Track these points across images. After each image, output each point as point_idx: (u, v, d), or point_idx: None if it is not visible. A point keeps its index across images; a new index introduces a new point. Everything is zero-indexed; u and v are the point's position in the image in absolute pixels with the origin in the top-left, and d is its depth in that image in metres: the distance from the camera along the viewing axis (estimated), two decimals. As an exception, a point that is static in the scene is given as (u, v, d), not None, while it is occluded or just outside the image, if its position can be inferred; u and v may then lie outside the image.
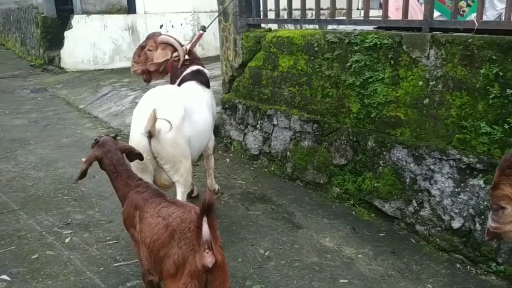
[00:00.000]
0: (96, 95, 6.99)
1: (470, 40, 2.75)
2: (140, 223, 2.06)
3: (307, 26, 4.94)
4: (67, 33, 8.86)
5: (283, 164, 4.18)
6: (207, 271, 1.83)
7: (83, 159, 2.27)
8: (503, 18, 2.89)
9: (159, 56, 3.44)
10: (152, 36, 3.47)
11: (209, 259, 1.78)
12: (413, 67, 3.08)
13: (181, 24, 9.05)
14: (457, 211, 2.94)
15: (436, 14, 3.45)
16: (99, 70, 8.76)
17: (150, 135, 2.63)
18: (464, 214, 2.89)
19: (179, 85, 3.40)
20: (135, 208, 2.12)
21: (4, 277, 2.72)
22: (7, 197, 3.74)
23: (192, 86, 3.35)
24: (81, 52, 8.82)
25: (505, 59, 2.61)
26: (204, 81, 3.44)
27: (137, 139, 2.71)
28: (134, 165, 2.73)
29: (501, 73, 2.63)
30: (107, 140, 2.30)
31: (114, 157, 2.24)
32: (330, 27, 4.28)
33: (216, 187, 3.81)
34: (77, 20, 8.80)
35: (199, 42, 3.68)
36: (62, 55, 8.99)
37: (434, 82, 2.97)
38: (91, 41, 8.76)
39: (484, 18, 3.00)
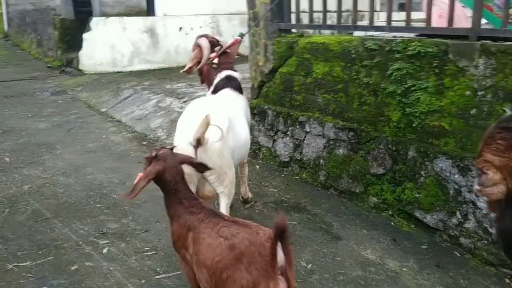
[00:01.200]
0: (117, 98, 6.95)
1: (523, 50, 2.67)
2: (195, 245, 1.98)
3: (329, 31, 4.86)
4: (85, 35, 8.83)
5: (315, 171, 4.12)
6: None
7: (140, 174, 2.18)
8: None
9: (192, 57, 3.43)
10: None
11: (282, 286, 1.70)
12: (460, 76, 3.00)
13: (200, 27, 9.01)
14: (506, 224, 2.85)
15: (482, 21, 3.36)
16: (118, 72, 8.73)
17: (198, 144, 2.56)
18: (515, 228, 2.81)
19: (213, 92, 3.35)
20: (188, 230, 2.04)
21: (46, 289, 2.68)
22: (40, 205, 3.70)
23: (228, 94, 3.29)
24: (100, 54, 8.80)
25: None
26: (237, 87, 3.38)
27: (183, 149, 2.62)
28: None
29: (558, 84, 2.54)
30: (167, 154, 2.21)
31: (176, 172, 2.15)
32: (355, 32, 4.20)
33: (250, 195, 3.75)
34: (95, 22, 8.78)
35: (232, 48, 3.58)
36: (81, 57, 8.97)
37: (482, 92, 2.89)
38: (110, 44, 8.74)
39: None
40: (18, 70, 10.20)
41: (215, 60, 3.41)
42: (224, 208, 2.83)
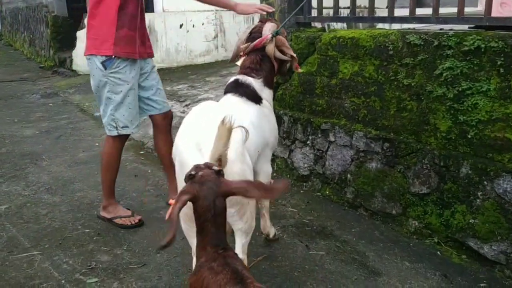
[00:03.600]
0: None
1: None
2: None
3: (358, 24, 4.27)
4: (79, 33, 8.24)
5: (341, 188, 3.53)
6: None
7: (171, 201, 1.55)
8: None
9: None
10: None
11: None
12: (534, 77, 2.42)
13: (203, 24, 8.43)
14: None
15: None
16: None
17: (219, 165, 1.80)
18: None
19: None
20: None
21: None
22: (17, 230, 3.12)
23: (228, 99, 2.64)
24: (95, 53, 8.19)
25: None
26: (245, 93, 2.64)
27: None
28: (185, 214, 2.02)
29: None
30: (209, 176, 1.56)
31: (208, 207, 1.52)
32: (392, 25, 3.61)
33: (272, 231, 3.01)
34: (90, 19, 8.18)
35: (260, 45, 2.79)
36: (74, 57, 8.38)
37: None
38: (105, 42, 8.13)
39: None
40: (8, 71, 9.60)
41: (239, 62, 2.79)
42: (240, 250, 2.18)
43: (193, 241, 2.16)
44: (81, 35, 8.20)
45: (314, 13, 3.80)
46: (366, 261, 2.82)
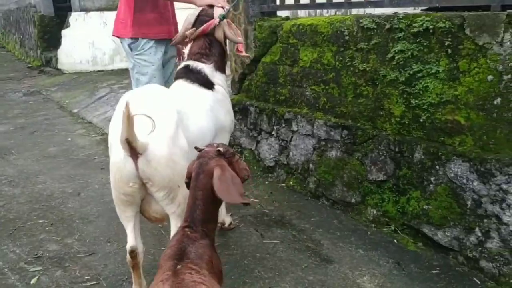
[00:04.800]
0: (92, 98, 6.34)
1: None
2: None
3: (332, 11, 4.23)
4: (64, 32, 8.25)
5: (304, 178, 3.48)
6: None
7: None
8: None
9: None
10: None
11: None
12: (480, 57, 2.36)
13: (187, 21, 8.39)
14: (541, 245, 2.21)
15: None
16: (98, 71, 8.13)
17: (134, 151, 1.86)
18: (554, 251, 2.17)
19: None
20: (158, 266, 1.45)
21: None
22: (-29, 220, 3.09)
23: (181, 85, 2.58)
24: (79, 52, 8.20)
25: None
26: (197, 80, 2.60)
27: (119, 163, 1.94)
28: (116, 197, 2.03)
29: None
30: (207, 153, 1.64)
31: (194, 178, 1.59)
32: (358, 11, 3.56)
33: (228, 220, 2.97)
34: (74, 18, 8.19)
35: (216, 32, 2.72)
36: (59, 56, 8.38)
37: (510, 76, 2.26)
38: (89, 40, 8.14)
39: None
40: (-5, 71, 9.62)
41: (186, 49, 2.75)
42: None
43: (127, 225, 2.13)
44: (66, 34, 8.21)
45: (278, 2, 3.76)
46: (320, 249, 2.77)
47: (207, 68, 2.64)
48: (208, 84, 2.62)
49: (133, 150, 1.86)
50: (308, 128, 3.41)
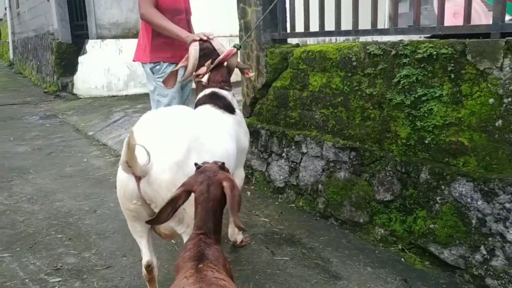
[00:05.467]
0: (106, 121, 6.53)
1: (560, 45, 2.17)
2: None
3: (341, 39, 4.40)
4: (81, 59, 8.53)
5: (313, 199, 3.58)
6: None
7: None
8: None
9: (178, 65, 2.91)
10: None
11: None
12: (481, 81, 2.49)
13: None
14: (545, 263, 2.28)
15: (508, 17, 2.88)
16: (113, 96, 8.36)
17: (139, 175, 1.93)
18: (557, 267, 2.24)
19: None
20: (176, 269, 1.56)
21: None
22: (-8, 235, 3.21)
23: (207, 109, 2.69)
24: (95, 78, 8.46)
25: None
26: (223, 106, 2.74)
27: (123, 180, 2.01)
28: (124, 212, 2.13)
29: None
30: (209, 167, 1.72)
31: (204, 190, 1.67)
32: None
33: (240, 237, 3.07)
34: (91, 45, 8.48)
35: (229, 61, 2.93)
36: (76, 81, 8.65)
37: (510, 99, 2.38)
38: (105, 67, 8.40)
39: None
40: (13, 95, 9.91)
41: (204, 78, 2.81)
42: None
43: (140, 241, 2.22)
44: (83, 60, 8.49)
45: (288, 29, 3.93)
46: (329, 266, 2.85)
47: (229, 94, 2.82)
48: (230, 108, 2.77)
49: (129, 168, 1.90)
50: (317, 150, 3.53)
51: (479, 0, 3.04)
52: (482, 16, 2.91)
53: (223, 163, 1.77)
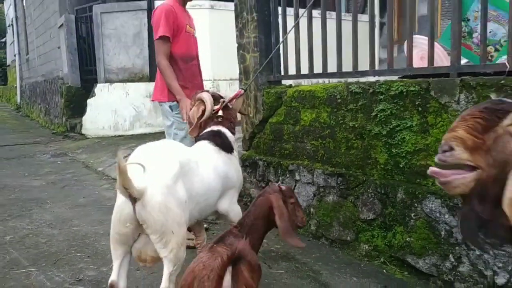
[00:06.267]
0: (114, 158, 6.96)
1: (503, 82, 2.66)
2: None
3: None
4: (89, 101, 9.09)
5: (306, 221, 3.98)
6: None
7: None
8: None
9: (193, 114, 3.19)
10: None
11: None
12: (443, 112, 2.97)
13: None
14: (500, 265, 2.68)
15: (463, 60, 3.39)
16: (119, 136, 8.85)
17: (135, 196, 2.14)
18: (510, 268, 2.63)
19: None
20: None
21: (8, 334, 2.51)
22: (19, 254, 3.59)
23: (202, 145, 3.02)
24: (103, 118, 8.99)
25: (542, 99, 2.49)
26: (221, 143, 3.05)
27: (120, 205, 2.26)
28: (112, 236, 2.35)
29: (539, 114, 2.50)
30: (271, 187, 2.15)
31: (254, 201, 2.09)
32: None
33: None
34: (100, 88, 9.06)
35: (235, 102, 3.40)
36: (84, 122, 9.17)
37: (466, 127, 2.85)
38: (112, 108, 8.95)
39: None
40: (23, 136, 10.41)
41: (220, 113, 3.19)
42: (166, 278, 2.30)
43: (115, 262, 2.41)
44: (92, 102, 9.04)
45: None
46: (319, 277, 3.23)
47: (232, 137, 3.18)
48: (230, 148, 3.12)
49: (131, 195, 2.13)
50: (309, 177, 3.97)
51: (439, 46, 3.56)
52: (443, 59, 3.41)
53: (284, 186, 2.18)
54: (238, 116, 4.12)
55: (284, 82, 4.60)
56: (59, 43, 10.91)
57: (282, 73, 4.42)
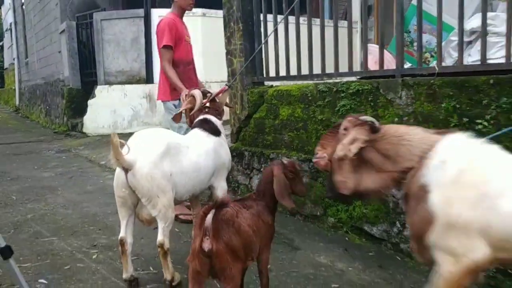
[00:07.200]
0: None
1: (432, 81, 3.38)
2: None
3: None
4: (90, 102, 9.75)
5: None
6: (207, 255, 2.19)
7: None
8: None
9: (185, 104, 3.82)
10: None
11: (205, 244, 2.15)
12: (389, 106, 3.68)
13: (194, 93, 9.93)
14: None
15: (408, 65, 4.11)
16: (118, 134, 9.41)
17: (126, 169, 2.78)
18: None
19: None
20: None
21: (42, 280, 3.17)
22: (41, 227, 4.26)
23: (194, 132, 3.58)
24: (102, 118, 9.65)
25: (460, 94, 3.21)
26: (209, 129, 3.60)
27: (117, 174, 2.94)
28: (116, 200, 3.00)
29: (458, 106, 3.21)
30: (274, 162, 2.78)
31: (263, 173, 2.72)
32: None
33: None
34: (100, 90, 9.72)
35: (221, 97, 4.02)
36: (85, 121, 9.82)
37: (406, 118, 3.56)
38: (111, 108, 9.61)
39: (443, 64, 3.64)
40: (26, 135, 11.04)
41: (208, 105, 3.81)
42: (161, 232, 2.94)
43: (122, 222, 3.06)
44: (92, 103, 9.71)
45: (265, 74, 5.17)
46: (292, 243, 3.92)
47: (218, 121, 3.80)
48: (216, 132, 3.72)
49: (123, 166, 2.77)
50: (286, 163, 4.66)
51: (388, 52, 4.28)
52: (392, 63, 4.12)
53: (286, 161, 2.74)
54: (227, 111, 4.83)
55: (265, 83, 5.30)
56: (60, 48, 11.56)
57: (264, 75, 5.12)
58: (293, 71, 4.71)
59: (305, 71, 4.56)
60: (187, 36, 4.52)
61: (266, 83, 5.28)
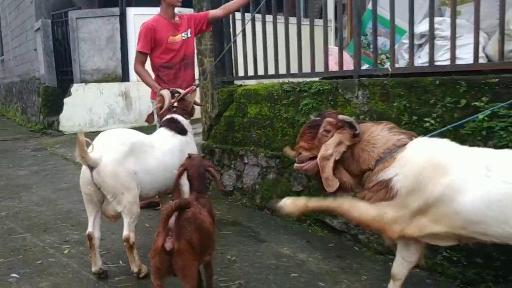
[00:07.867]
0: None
1: (385, 82, 3.59)
2: None
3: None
4: (66, 100, 9.79)
5: (253, 196, 4.87)
6: (169, 254, 2.34)
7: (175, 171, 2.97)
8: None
9: (155, 105, 4.02)
10: None
11: (167, 244, 2.31)
12: (347, 105, 3.89)
13: (170, 90, 10.04)
14: (387, 218, 3.61)
15: (365, 66, 4.33)
16: (94, 132, 9.48)
17: (92, 166, 2.92)
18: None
19: None
20: None
21: (14, 275, 3.30)
22: (14, 224, 4.37)
23: (160, 132, 3.72)
24: (79, 116, 9.70)
25: (410, 94, 3.43)
26: (175, 128, 3.73)
27: (83, 172, 3.05)
28: (83, 197, 3.15)
29: (408, 105, 3.43)
30: (196, 156, 2.98)
31: (198, 172, 2.87)
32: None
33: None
34: (76, 88, 9.77)
35: (189, 96, 4.16)
36: (61, 120, 9.86)
37: (362, 116, 3.77)
38: (88, 107, 9.67)
39: (396, 65, 3.87)
40: (2, 134, 11.01)
41: (175, 104, 3.97)
42: (126, 227, 3.11)
43: (89, 218, 3.24)
44: (68, 101, 9.76)
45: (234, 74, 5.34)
46: (258, 235, 4.12)
47: (185, 120, 3.96)
48: (182, 131, 3.87)
49: (88, 164, 2.91)
50: (254, 160, 4.85)
51: (347, 54, 4.50)
52: (351, 64, 4.33)
53: (203, 156, 3.03)
54: (198, 110, 4.97)
55: (235, 82, 5.47)
56: (36, 46, 11.54)
57: (234, 75, 5.29)
58: (261, 71, 4.89)
59: (271, 71, 4.75)
60: (172, 36, 4.49)
61: (235, 82, 5.45)
